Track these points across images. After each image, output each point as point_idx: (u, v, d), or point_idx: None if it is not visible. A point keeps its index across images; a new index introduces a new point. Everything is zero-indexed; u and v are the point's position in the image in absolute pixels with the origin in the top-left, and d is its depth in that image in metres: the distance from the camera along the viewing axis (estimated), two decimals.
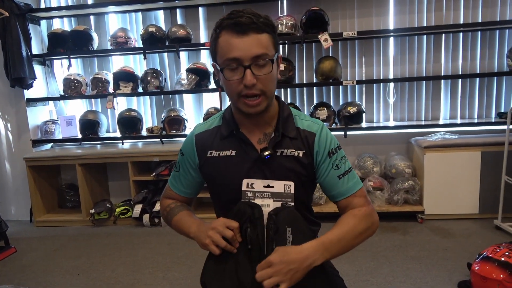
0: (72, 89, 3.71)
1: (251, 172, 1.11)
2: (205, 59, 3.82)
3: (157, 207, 3.43)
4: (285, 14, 3.57)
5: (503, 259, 1.99)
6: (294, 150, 1.12)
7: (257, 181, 1.08)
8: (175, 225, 1.24)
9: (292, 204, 1.07)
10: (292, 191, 1.07)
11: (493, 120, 3.46)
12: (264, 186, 1.07)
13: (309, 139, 1.13)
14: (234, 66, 1.01)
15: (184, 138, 3.91)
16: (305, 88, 3.72)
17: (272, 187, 1.07)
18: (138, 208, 3.46)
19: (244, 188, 1.08)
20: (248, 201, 1.07)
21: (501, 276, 1.94)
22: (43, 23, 3.88)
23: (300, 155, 1.12)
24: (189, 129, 3.73)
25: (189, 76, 3.56)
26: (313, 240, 1.03)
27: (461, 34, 3.50)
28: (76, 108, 4.05)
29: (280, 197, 1.07)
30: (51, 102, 3.97)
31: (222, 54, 1.02)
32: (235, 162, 1.13)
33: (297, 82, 3.66)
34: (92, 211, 3.53)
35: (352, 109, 3.41)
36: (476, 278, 2.03)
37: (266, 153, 1.08)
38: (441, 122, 3.56)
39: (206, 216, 3.48)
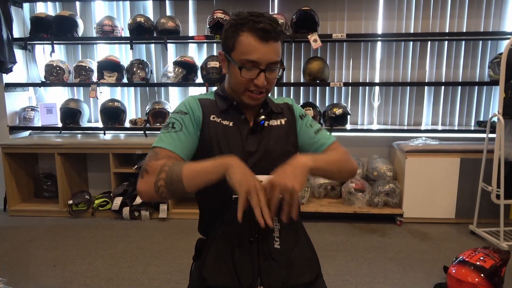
0: (54, 76, 3.61)
1: (248, 141, 1.19)
2: (193, 52, 3.78)
3: (138, 200, 3.38)
4: (276, 12, 3.57)
5: (478, 263, 2.06)
6: (276, 120, 1.26)
7: None
8: (190, 173, 1.01)
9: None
10: None
11: (472, 128, 3.57)
12: None
13: (289, 109, 1.30)
14: (250, 67, 1.11)
15: None
16: (292, 87, 3.73)
17: (261, 181, 1.08)
18: (118, 201, 3.40)
19: None
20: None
21: (476, 279, 2.01)
22: (26, 6, 3.75)
23: (283, 122, 1.27)
24: None
25: (176, 69, 3.51)
26: None
27: (446, 42, 3.58)
28: (57, 95, 3.93)
29: None
30: (31, 88, 3.85)
31: (242, 53, 1.11)
32: (233, 131, 1.20)
33: (284, 81, 3.66)
34: (70, 202, 3.45)
35: (338, 111, 3.44)
36: (452, 280, 2.09)
37: (262, 117, 1.22)
38: (423, 127, 3.65)
39: (187, 211, 3.46)
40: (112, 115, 3.61)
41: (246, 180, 0.95)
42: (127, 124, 3.67)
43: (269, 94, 1.29)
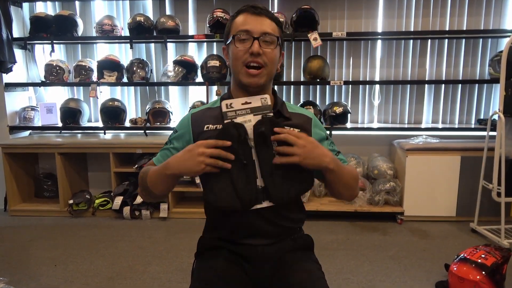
0: (54, 76, 3.60)
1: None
2: (193, 51, 3.78)
3: (138, 199, 3.38)
4: (276, 11, 3.57)
5: (479, 260, 2.06)
6: (290, 128, 1.18)
7: (235, 100, 1.12)
8: (151, 178, 1.18)
9: (272, 114, 1.12)
10: (269, 102, 1.13)
11: (472, 126, 3.57)
12: (242, 104, 1.11)
13: (306, 122, 1.25)
14: (244, 37, 1.14)
15: (168, 131, 3.85)
16: (292, 86, 3.73)
17: (250, 103, 1.12)
18: (118, 200, 3.40)
19: (224, 109, 1.11)
20: (232, 122, 1.10)
21: (478, 277, 2.00)
22: (26, 5, 3.75)
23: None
24: (174, 121, 3.69)
25: (176, 68, 3.51)
26: None
27: (446, 40, 3.57)
28: (57, 95, 3.93)
29: (259, 110, 1.12)
30: (31, 88, 3.85)
31: (236, 28, 1.16)
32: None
33: (284, 80, 3.66)
34: (71, 201, 3.45)
35: (338, 109, 3.44)
36: (453, 278, 2.09)
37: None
38: (423, 125, 3.64)
39: (187, 210, 3.45)
40: (112, 114, 3.60)
41: (187, 167, 1.07)
42: (127, 124, 3.67)
43: (290, 102, 1.27)
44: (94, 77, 3.62)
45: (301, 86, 3.72)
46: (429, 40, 3.59)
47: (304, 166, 1.08)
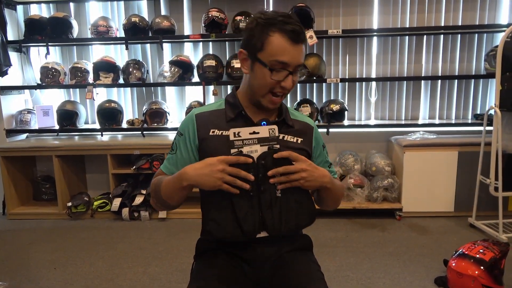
0: (50, 78, 3.59)
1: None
2: (188, 51, 3.77)
3: (137, 201, 3.38)
4: (271, 9, 3.56)
5: (478, 256, 2.07)
6: (293, 136, 1.23)
7: (243, 129, 1.10)
8: (166, 190, 1.14)
9: (278, 146, 1.12)
10: (277, 134, 1.12)
11: (469, 121, 3.58)
12: (250, 133, 1.10)
13: (308, 131, 1.27)
14: (279, 68, 1.10)
15: (166, 132, 3.82)
16: None
17: (258, 133, 1.11)
18: (117, 202, 3.40)
19: (231, 138, 1.09)
20: (240, 152, 1.09)
21: (476, 272, 2.01)
22: (20, 8, 3.74)
23: (299, 141, 1.23)
24: (171, 122, 3.68)
25: (172, 69, 3.50)
26: None
27: (441, 36, 3.58)
28: (54, 97, 3.92)
29: (266, 141, 1.11)
30: (26, 91, 3.84)
31: (272, 54, 1.09)
32: None
33: None
34: (69, 204, 3.44)
35: (335, 107, 3.44)
36: (452, 274, 2.10)
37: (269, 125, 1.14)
38: (420, 122, 3.65)
39: (186, 211, 3.45)
40: (109, 116, 3.60)
41: (205, 181, 1.05)
42: (124, 125, 3.67)
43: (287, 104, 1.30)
44: (90, 78, 3.61)
45: (298, 84, 3.72)
46: (425, 36, 3.59)
47: (305, 188, 1.12)
